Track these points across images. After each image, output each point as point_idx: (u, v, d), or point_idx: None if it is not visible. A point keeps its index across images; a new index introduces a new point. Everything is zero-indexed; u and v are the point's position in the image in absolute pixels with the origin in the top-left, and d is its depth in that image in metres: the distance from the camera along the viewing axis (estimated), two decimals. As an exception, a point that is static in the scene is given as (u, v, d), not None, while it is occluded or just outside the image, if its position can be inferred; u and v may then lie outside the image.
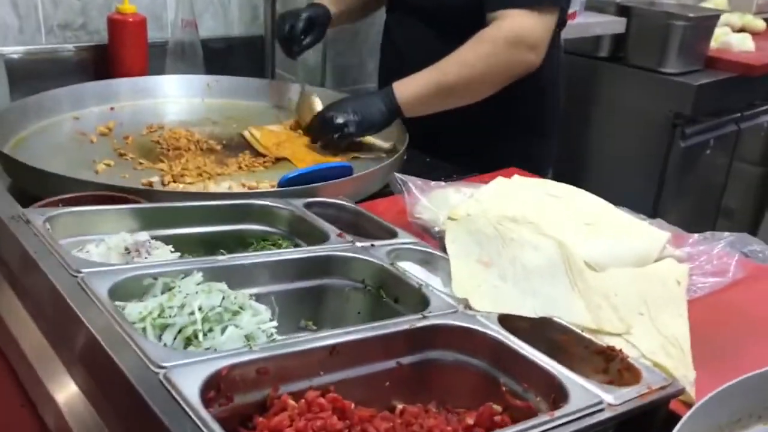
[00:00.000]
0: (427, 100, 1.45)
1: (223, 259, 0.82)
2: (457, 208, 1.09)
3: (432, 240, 1.10)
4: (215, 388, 0.60)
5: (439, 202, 1.15)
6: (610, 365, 0.79)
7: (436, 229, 1.10)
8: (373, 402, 0.73)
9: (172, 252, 0.91)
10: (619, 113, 2.78)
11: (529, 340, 0.82)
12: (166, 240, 0.94)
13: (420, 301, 0.84)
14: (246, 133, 1.57)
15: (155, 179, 1.26)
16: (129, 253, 0.86)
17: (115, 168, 1.32)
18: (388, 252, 0.95)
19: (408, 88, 1.45)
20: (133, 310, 0.70)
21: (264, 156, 1.46)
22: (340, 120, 1.44)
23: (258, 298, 0.85)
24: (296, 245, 1.01)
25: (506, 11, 1.42)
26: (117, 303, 0.71)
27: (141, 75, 1.74)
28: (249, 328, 0.69)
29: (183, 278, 0.77)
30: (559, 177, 1.77)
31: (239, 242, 1.01)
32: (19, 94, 1.57)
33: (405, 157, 1.44)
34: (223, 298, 0.71)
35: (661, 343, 0.87)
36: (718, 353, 0.90)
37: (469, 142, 1.64)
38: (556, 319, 0.84)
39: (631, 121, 2.75)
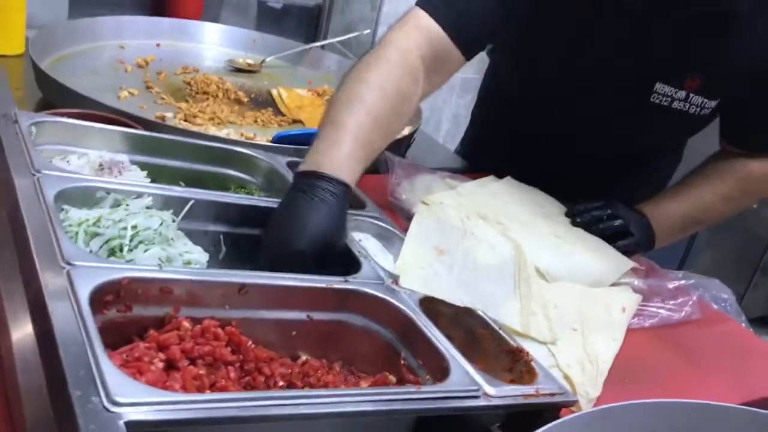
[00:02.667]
0: (679, 234, 1.32)
1: (180, 191, 0.87)
2: (434, 195, 1.12)
3: (403, 221, 1.13)
4: (114, 293, 0.65)
5: (422, 187, 1.18)
6: (516, 365, 0.81)
7: (412, 211, 1.13)
8: (277, 348, 0.77)
9: (145, 178, 0.97)
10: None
11: (446, 325, 0.85)
12: (146, 167, 1.00)
13: (355, 269, 0.87)
14: (274, 91, 1.63)
15: (169, 114, 1.33)
16: (102, 169, 0.92)
17: (137, 98, 1.40)
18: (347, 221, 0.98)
19: (665, 221, 1.27)
20: (75, 214, 0.76)
21: (284, 115, 1.52)
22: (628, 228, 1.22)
23: (208, 234, 0.90)
24: (269, 197, 1.06)
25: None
26: (65, 206, 0.77)
27: (194, 19, 1.82)
28: (172, 253, 0.74)
29: (134, 198, 0.82)
30: None
31: (218, 184, 1.07)
32: (77, 15, 1.67)
33: (413, 140, 1.46)
34: (161, 223, 0.77)
35: (580, 359, 0.88)
36: (637, 379, 0.91)
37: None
38: (479, 312, 0.87)
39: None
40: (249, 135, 1.27)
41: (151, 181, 0.99)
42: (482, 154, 1.52)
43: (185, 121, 1.32)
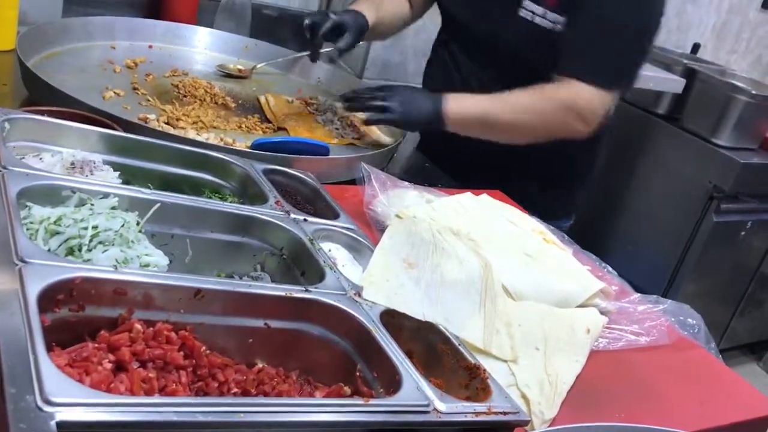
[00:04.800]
0: (471, 123, 1.45)
1: (147, 193, 0.88)
2: (408, 209, 1.13)
3: (377, 233, 1.14)
4: (67, 292, 0.66)
5: (397, 200, 1.18)
6: (472, 382, 0.81)
7: (387, 224, 1.14)
8: (233, 354, 0.77)
9: (117, 178, 0.97)
10: (660, 172, 2.74)
11: (408, 339, 0.86)
12: (120, 168, 1.00)
13: (319, 278, 0.87)
14: (261, 98, 1.63)
15: (152, 116, 1.34)
16: (74, 167, 0.93)
17: (122, 98, 1.40)
18: (316, 230, 0.99)
19: (459, 104, 1.45)
20: (38, 212, 0.76)
21: (270, 122, 1.52)
22: (386, 103, 1.42)
23: (174, 237, 0.91)
24: (241, 203, 1.06)
25: (573, 81, 1.41)
26: (28, 204, 0.77)
27: (188, 23, 1.83)
28: (131, 255, 0.74)
29: (100, 198, 0.83)
30: (577, 221, 1.77)
31: (192, 188, 1.07)
32: (72, 15, 1.68)
33: (394, 155, 1.47)
34: (123, 225, 0.77)
35: (539, 379, 0.88)
36: (596, 402, 0.90)
37: (487, 171, 1.57)
38: (440, 327, 0.87)
39: (670, 182, 2.70)
40: (229, 141, 1.28)
41: (123, 183, 0.99)
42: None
43: (167, 123, 1.33)
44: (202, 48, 1.79)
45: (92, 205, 0.80)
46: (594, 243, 2.88)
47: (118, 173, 0.98)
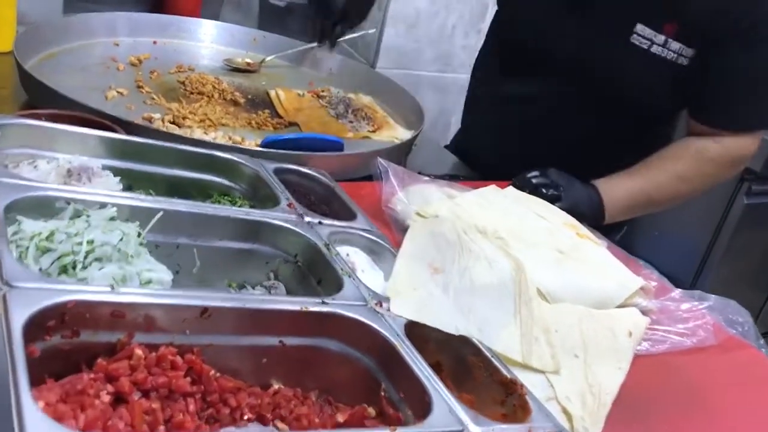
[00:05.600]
0: (633, 210, 1.35)
1: (149, 201, 0.81)
2: (429, 207, 1.05)
3: (398, 234, 1.07)
4: (58, 318, 0.59)
5: (417, 197, 1.11)
6: (509, 398, 0.74)
7: (407, 223, 1.06)
8: (246, 377, 0.71)
9: (118, 184, 0.90)
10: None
11: (435, 351, 0.79)
12: (122, 173, 0.94)
13: (337, 287, 0.80)
14: (272, 92, 1.56)
15: (157, 116, 1.27)
16: (70, 175, 0.86)
17: (125, 98, 1.34)
18: (332, 233, 0.92)
19: (616, 196, 1.30)
20: (29, 226, 0.69)
21: (281, 118, 1.45)
22: (557, 192, 1.25)
23: (180, 247, 0.84)
24: (252, 206, 0.99)
25: (735, 136, 1.30)
26: (18, 217, 0.71)
27: (192, 16, 1.76)
28: (130, 272, 0.67)
29: (97, 209, 0.76)
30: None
31: (200, 191, 1.00)
32: (74, 12, 1.62)
33: (412, 147, 1.40)
34: (121, 238, 0.70)
35: (581, 391, 0.81)
36: (643, 415, 0.83)
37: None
38: (475, 340, 0.79)
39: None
40: (237, 139, 1.21)
41: (125, 188, 0.93)
42: (473, 141, 1.53)
43: (172, 123, 1.26)
44: (208, 42, 1.72)
45: (88, 216, 0.74)
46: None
47: (118, 179, 0.91)
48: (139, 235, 0.75)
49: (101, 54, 1.51)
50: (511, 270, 0.94)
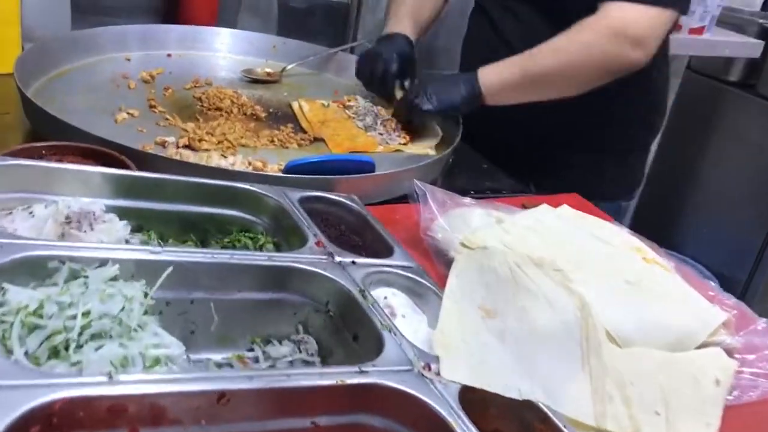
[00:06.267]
0: (513, 87, 1.29)
1: (157, 252, 0.70)
2: (476, 235, 0.93)
3: (440, 266, 0.95)
4: (44, 422, 0.49)
5: (460, 222, 0.99)
6: (586, 477, 0.62)
7: (450, 254, 0.95)
8: (275, 464, 0.60)
9: (125, 229, 0.80)
10: (736, 146, 2.48)
11: (496, 417, 0.67)
12: (130, 213, 0.84)
13: (376, 346, 0.69)
14: (294, 104, 1.45)
15: (171, 139, 1.17)
16: (69, 222, 0.76)
17: (136, 119, 1.24)
18: (368, 274, 0.81)
19: (493, 73, 1.30)
20: (15, 296, 0.59)
21: (305, 133, 1.34)
22: (417, 100, 1.32)
23: (195, 303, 0.73)
24: (276, 243, 0.89)
25: (615, 3, 1.23)
26: (4, 285, 0.60)
27: (208, 24, 1.66)
28: (133, 352, 0.57)
29: (97, 267, 0.66)
30: (644, 203, 1.58)
31: (218, 228, 0.90)
32: (82, 26, 1.52)
33: (450, 160, 1.28)
34: (123, 308, 0.60)
35: (667, 459, 0.69)
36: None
37: (541, 148, 1.47)
38: (541, 404, 0.68)
39: (748, 156, 2.44)
40: (258, 165, 1.10)
41: (134, 229, 0.83)
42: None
43: (188, 146, 1.15)
44: (225, 52, 1.62)
45: (86, 278, 0.63)
46: (663, 226, 2.65)
47: (125, 222, 0.81)
48: (145, 295, 0.65)
49: (111, 71, 1.41)
50: (575, 310, 0.81)
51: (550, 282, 0.85)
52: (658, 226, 1.16)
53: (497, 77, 1.30)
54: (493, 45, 1.54)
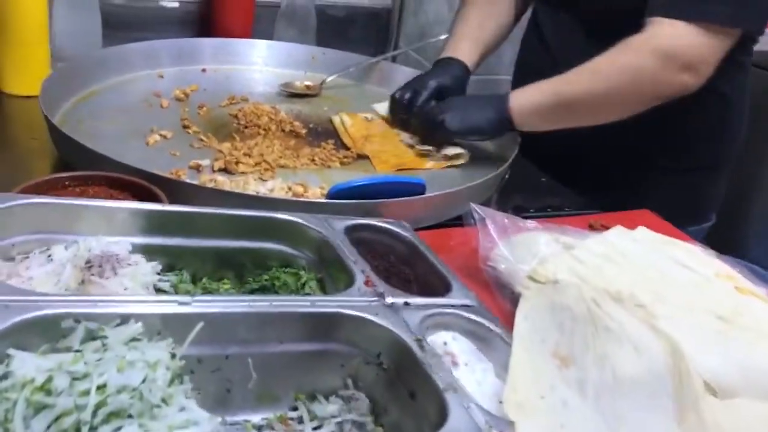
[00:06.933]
0: (545, 112, 1.17)
1: (185, 303, 0.62)
2: (544, 266, 0.83)
3: (504, 301, 0.85)
4: None
5: (524, 250, 0.88)
6: None
7: (516, 289, 0.84)
8: None
9: (152, 271, 0.72)
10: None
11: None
12: (159, 252, 0.76)
13: (438, 409, 0.59)
14: (336, 119, 1.37)
15: (205, 162, 1.09)
16: (90, 267, 0.68)
17: (169, 141, 1.16)
18: (425, 317, 0.71)
19: (524, 96, 1.18)
20: (22, 366, 0.51)
21: (347, 150, 1.25)
22: (441, 116, 1.22)
23: (230, 358, 0.64)
24: (320, 280, 0.80)
25: (666, 19, 1.09)
26: (9, 351, 0.52)
27: (243, 36, 1.58)
28: None
29: (117, 326, 0.57)
30: (718, 226, 1.44)
31: (256, 263, 0.82)
32: (114, 43, 1.46)
33: (507, 176, 1.17)
34: (145, 380, 0.51)
35: None
36: None
37: (607, 164, 1.35)
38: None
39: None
40: (299, 190, 1.01)
41: (165, 269, 0.75)
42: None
43: (224, 170, 1.08)
44: (262, 65, 1.54)
45: (104, 338, 0.55)
46: (739, 247, 2.47)
47: (153, 263, 0.73)
48: (172, 356, 0.56)
49: (144, 89, 1.34)
50: (665, 355, 0.70)
51: (633, 321, 0.74)
52: (732, 248, 1.03)
53: (528, 101, 1.18)
54: (536, 55, 1.44)
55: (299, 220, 0.82)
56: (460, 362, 0.72)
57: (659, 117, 1.20)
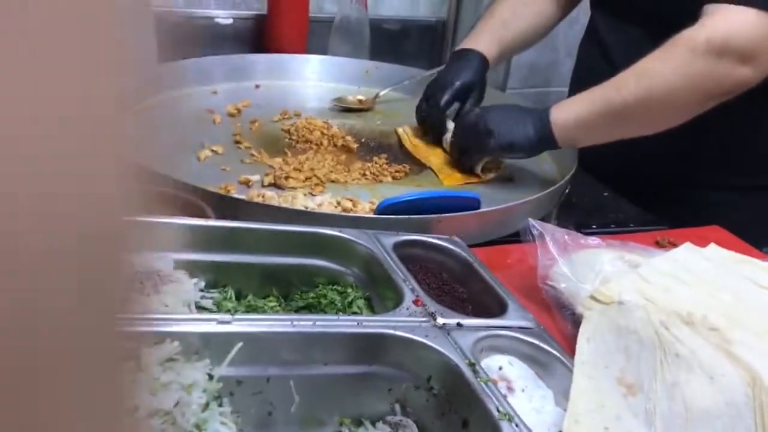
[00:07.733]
0: (591, 124, 1.05)
1: (225, 321, 0.59)
2: (608, 286, 0.77)
3: (564, 323, 0.80)
4: None
5: (586, 269, 0.83)
6: None
7: (577, 310, 0.79)
8: None
9: (198, 284, 0.70)
10: None
11: None
12: (204, 268, 0.74)
13: (492, 436, 0.55)
14: (399, 129, 1.34)
15: (255, 178, 1.07)
16: (131, 284, 0.66)
17: (221, 157, 1.15)
18: (478, 340, 0.66)
19: (567, 109, 1.08)
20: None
21: (399, 164, 1.22)
22: (474, 137, 1.14)
23: (272, 380, 0.61)
24: (367, 298, 0.76)
25: (720, 8, 0.99)
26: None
27: (297, 52, 1.57)
28: (188, 459, 0.45)
29: (153, 344, 0.55)
30: None
31: (302, 279, 0.79)
32: (167, 59, 1.47)
33: (567, 190, 1.12)
34: (178, 403, 0.48)
35: None
36: None
37: (673, 181, 1.28)
38: None
39: None
40: (348, 205, 0.98)
41: (208, 285, 0.73)
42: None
43: (274, 184, 1.06)
44: (315, 80, 1.53)
45: (139, 359, 0.53)
46: None
47: (196, 280, 0.71)
48: (210, 378, 0.53)
49: (196, 105, 1.34)
50: (744, 385, 0.64)
51: (705, 346, 0.68)
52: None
53: (571, 115, 1.07)
54: (593, 61, 1.37)
55: (346, 236, 0.79)
56: (516, 388, 0.67)
57: (728, 131, 1.13)
